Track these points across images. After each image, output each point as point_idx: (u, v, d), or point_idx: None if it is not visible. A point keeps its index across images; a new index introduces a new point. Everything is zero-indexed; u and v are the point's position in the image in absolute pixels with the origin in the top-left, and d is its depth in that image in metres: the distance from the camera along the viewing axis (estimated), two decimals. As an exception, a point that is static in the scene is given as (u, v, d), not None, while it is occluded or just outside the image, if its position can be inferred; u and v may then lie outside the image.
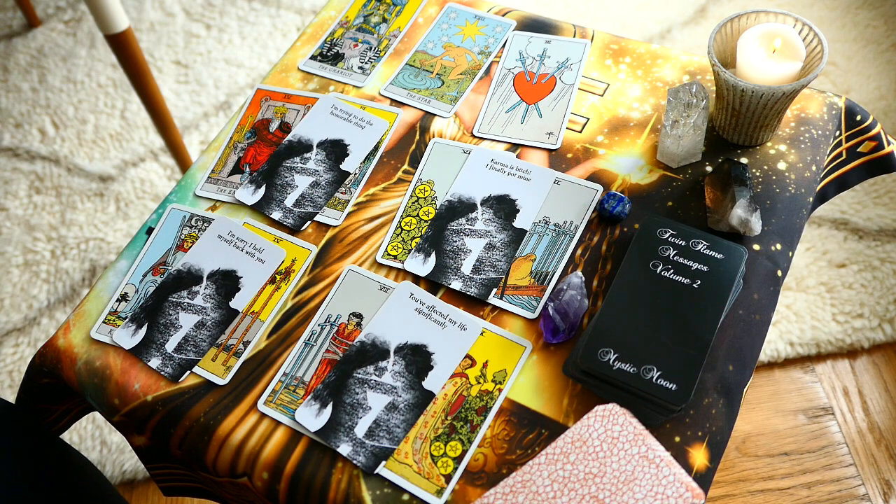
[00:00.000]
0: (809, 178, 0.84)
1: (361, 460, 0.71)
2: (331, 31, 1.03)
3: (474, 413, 0.73)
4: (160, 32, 1.95)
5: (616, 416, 0.69)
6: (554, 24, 1.00)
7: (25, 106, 1.85)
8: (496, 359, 0.76)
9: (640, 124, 0.89)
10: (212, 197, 0.90)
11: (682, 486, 0.65)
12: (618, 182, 0.85)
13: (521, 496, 0.67)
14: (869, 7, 1.82)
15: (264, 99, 0.98)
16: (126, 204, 1.67)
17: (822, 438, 1.30)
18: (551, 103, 0.92)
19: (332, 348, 0.78)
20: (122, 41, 1.32)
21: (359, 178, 0.89)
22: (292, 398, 0.75)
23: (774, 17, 0.83)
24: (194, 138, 1.76)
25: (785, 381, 1.36)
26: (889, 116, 1.64)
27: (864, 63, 1.73)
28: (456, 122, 0.93)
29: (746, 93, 0.78)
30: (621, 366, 0.70)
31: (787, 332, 1.39)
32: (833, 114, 0.88)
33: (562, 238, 0.82)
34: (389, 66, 0.99)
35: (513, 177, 0.87)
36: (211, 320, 0.81)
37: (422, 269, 0.81)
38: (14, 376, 1.47)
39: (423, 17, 1.03)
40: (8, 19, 2.03)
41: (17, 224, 1.66)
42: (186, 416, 0.76)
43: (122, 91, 1.85)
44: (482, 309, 0.79)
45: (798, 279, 1.45)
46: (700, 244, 0.76)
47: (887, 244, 1.47)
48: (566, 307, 0.75)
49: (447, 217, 0.85)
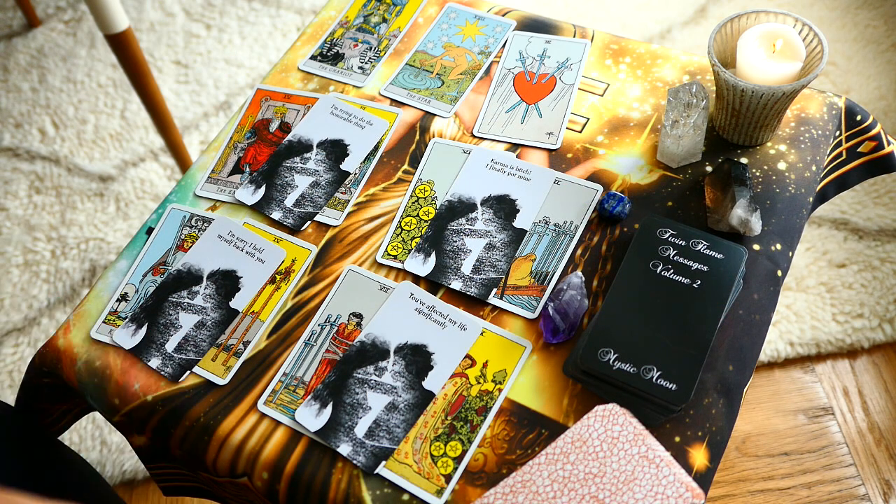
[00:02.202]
0: (809, 178, 0.84)
1: (361, 460, 0.71)
2: (331, 31, 1.03)
3: (474, 413, 0.73)
4: (160, 32, 1.95)
5: (616, 416, 0.69)
6: (554, 24, 1.00)
7: (25, 106, 1.85)
8: (496, 359, 0.76)
9: (640, 124, 0.89)
10: (212, 197, 0.90)
11: (682, 486, 0.65)
12: (618, 182, 0.85)
13: (521, 496, 0.67)
14: (869, 7, 1.82)
15: (264, 99, 0.98)
16: (126, 204, 1.67)
17: (822, 438, 1.30)
18: (551, 103, 0.92)
19: (332, 348, 0.78)
20: (122, 41, 1.32)
21: (359, 178, 0.89)
22: (292, 398, 0.75)
23: (774, 17, 0.83)
24: (194, 138, 1.76)
25: (785, 381, 1.36)
26: (889, 116, 1.64)
27: (864, 63, 1.73)
28: (456, 122, 0.93)
29: (746, 93, 0.78)
30: (621, 366, 0.70)
31: (787, 332, 1.39)
32: (833, 114, 0.88)
33: (562, 238, 0.82)
34: (389, 66, 0.99)
35: (513, 177, 0.87)
36: (211, 320, 0.81)
37: (422, 269, 0.81)
38: (14, 376, 1.47)
39: (423, 17, 1.03)
40: (8, 19, 2.03)
41: (17, 224, 1.66)
42: (186, 416, 0.76)
43: (122, 91, 1.85)
44: (482, 309, 0.79)
45: (798, 279, 1.45)
46: (700, 244, 0.76)
47: (887, 244, 1.47)
48: (566, 307, 0.75)
49: (447, 217, 0.85)
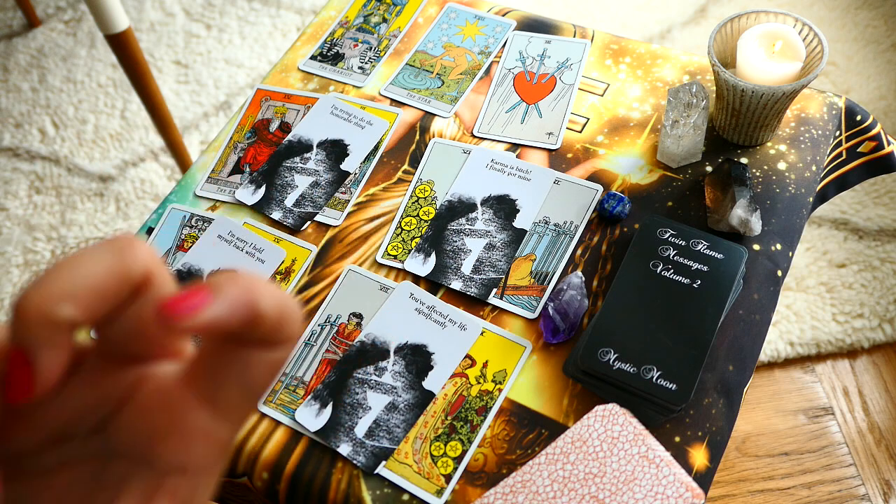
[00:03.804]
0: (809, 178, 0.84)
1: (361, 460, 0.71)
2: (331, 31, 1.03)
3: (474, 413, 0.73)
4: (160, 32, 1.95)
5: (616, 416, 0.69)
6: (554, 24, 1.00)
7: (25, 106, 1.85)
8: (496, 359, 0.76)
9: (640, 124, 0.89)
10: (212, 197, 0.90)
11: (682, 486, 0.65)
12: (618, 182, 0.85)
13: (521, 496, 0.67)
14: (869, 7, 1.82)
15: (264, 99, 0.98)
16: (126, 204, 1.67)
17: (822, 438, 1.30)
18: (551, 103, 0.92)
19: (332, 348, 0.78)
20: (122, 41, 1.32)
21: (359, 178, 0.89)
22: (292, 398, 0.75)
23: (774, 17, 0.83)
24: (194, 138, 1.76)
25: (785, 381, 1.36)
26: (889, 116, 1.64)
27: (864, 63, 1.73)
28: (456, 122, 0.93)
29: (746, 93, 0.78)
30: (621, 366, 0.70)
31: (787, 332, 1.39)
32: (833, 114, 0.88)
33: (562, 238, 0.82)
34: (389, 66, 0.99)
35: (513, 177, 0.87)
36: (211, 320, 0.81)
37: (422, 269, 0.81)
38: (14, 376, 1.46)
39: (423, 17, 1.03)
40: (8, 19, 2.03)
41: (17, 224, 1.66)
42: (186, 416, 0.76)
43: (122, 91, 1.85)
44: (482, 309, 0.79)
45: (798, 279, 1.45)
46: (700, 244, 0.76)
47: (887, 244, 1.47)
48: (566, 307, 0.75)
49: (447, 217, 0.85)
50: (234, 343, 0.24)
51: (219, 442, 0.26)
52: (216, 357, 0.25)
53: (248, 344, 0.24)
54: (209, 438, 0.25)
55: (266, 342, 0.24)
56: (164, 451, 0.25)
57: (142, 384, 0.26)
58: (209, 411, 0.25)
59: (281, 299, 0.24)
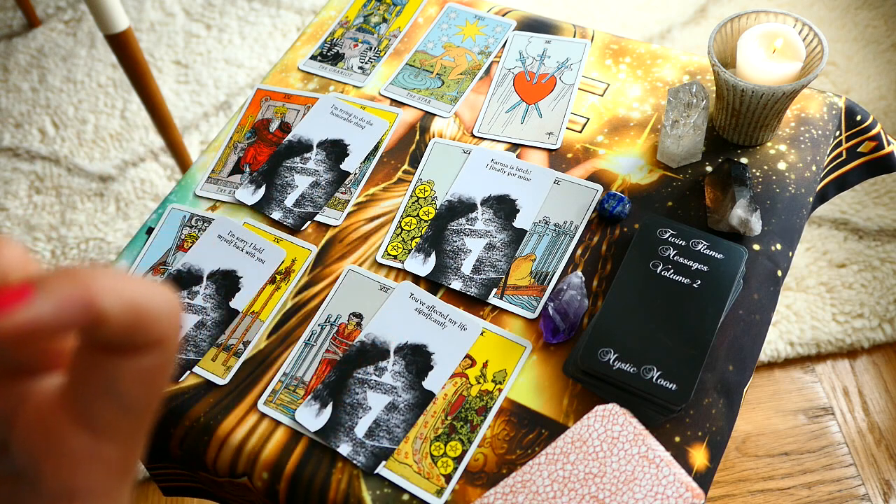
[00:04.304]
0: (809, 178, 0.84)
1: (361, 460, 0.71)
2: (331, 31, 1.03)
3: (474, 413, 0.73)
4: (160, 32, 1.95)
5: (616, 416, 0.69)
6: (554, 24, 1.00)
7: (25, 106, 1.85)
8: (496, 359, 0.76)
9: (640, 124, 0.89)
10: (212, 197, 0.90)
11: (682, 486, 0.65)
12: (618, 182, 0.85)
13: (521, 496, 0.67)
14: (869, 7, 1.82)
15: (264, 99, 0.98)
16: (126, 204, 1.67)
17: (822, 438, 1.30)
18: (551, 103, 0.92)
19: (332, 348, 0.78)
20: (122, 41, 1.32)
21: (359, 178, 0.89)
22: (292, 398, 0.75)
23: (774, 17, 0.83)
24: (194, 138, 1.76)
25: (785, 381, 1.36)
26: (889, 116, 1.64)
27: (864, 63, 1.73)
28: (456, 122, 0.92)
29: (746, 93, 0.78)
30: (621, 366, 0.70)
31: (787, 332, 1.39)
32: (833, 114, 0.88)
33: (562, 238, 0.82)
34: (389, 66, 0.99)
35: (513, 177, 0.87)
36: (211, 320, 0.81)
37: (422, 269, 0.81)
38: (14, 376, 1.46)
39: (423, 17, 1.03)
40: (8, 19, 2.03)
41: (17, 224, 1.66)
42: (186, 416, 0.76)
43: (122, 91, 1.85)
44: (482, 309, 0.79)
45: (798, 279, 1.45)
46: (700, 244, 0.76)
47: (887, 244, 1.47)
48: (566, 307, 0.75)
49: (447, 217, 0.85)
50: (97, 352, 0.21)
51: (108, 464, 0.22)
52: (81, 370, 0.21)
53: (109, 351, 0.21)
54: (95, 461, 0.22)
55: (127, 347, 0.21)
56: (47, 475, 0.22)
57: (24, 402, 0.23)
58: (87, 431, 0.22)
59: (134, 295, 0.20)
